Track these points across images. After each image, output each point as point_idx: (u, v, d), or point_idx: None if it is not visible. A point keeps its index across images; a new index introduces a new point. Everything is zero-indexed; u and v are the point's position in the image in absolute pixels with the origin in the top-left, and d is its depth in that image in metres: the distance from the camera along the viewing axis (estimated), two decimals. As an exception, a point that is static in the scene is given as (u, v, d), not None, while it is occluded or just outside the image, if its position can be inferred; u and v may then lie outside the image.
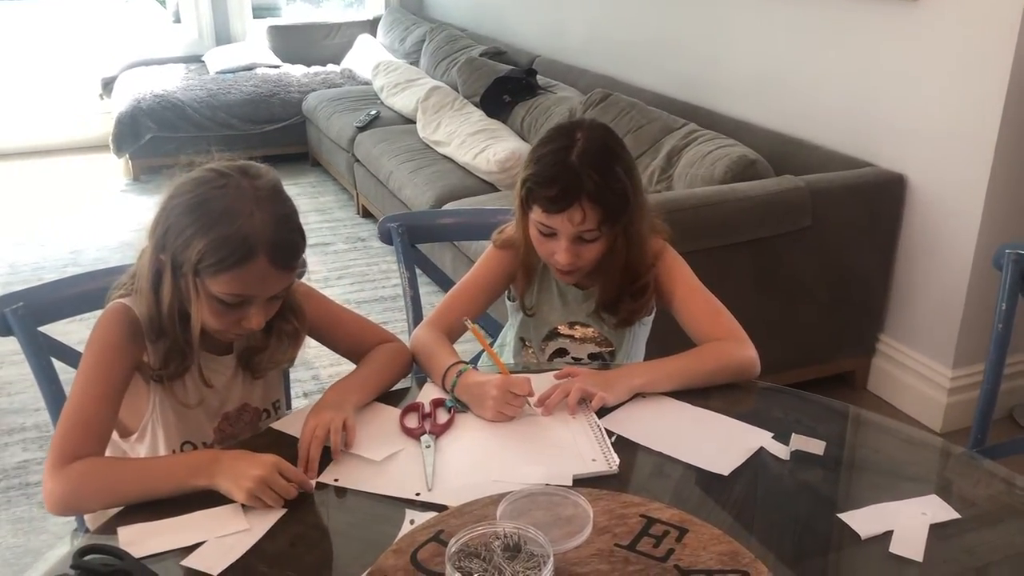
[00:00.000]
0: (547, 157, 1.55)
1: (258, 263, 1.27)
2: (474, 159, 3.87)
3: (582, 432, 1.38)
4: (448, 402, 1.46)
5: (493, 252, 1.72)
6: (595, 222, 1.53)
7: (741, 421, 1.42)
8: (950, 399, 2.90)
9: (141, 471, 1.29)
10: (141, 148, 5.32)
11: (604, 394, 1.44)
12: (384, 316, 3.66)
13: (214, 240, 1.26)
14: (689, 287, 1.65)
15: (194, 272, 1.29)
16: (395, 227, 1.95)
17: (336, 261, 4.22)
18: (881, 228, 2.94)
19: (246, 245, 1.26)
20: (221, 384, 1.47)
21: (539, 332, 1.75)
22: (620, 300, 1.66)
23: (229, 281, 1.28)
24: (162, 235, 1.31)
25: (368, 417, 1.44)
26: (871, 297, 3.04)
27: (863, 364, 3.16)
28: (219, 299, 1.30)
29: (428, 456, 1.32)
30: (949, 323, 2.85)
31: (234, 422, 1.51)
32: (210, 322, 1.34)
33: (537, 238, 1.60)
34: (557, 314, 1.73)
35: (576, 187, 1.50)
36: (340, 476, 1.29)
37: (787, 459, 1.32)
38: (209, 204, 1.28)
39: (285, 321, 1.45)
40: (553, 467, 1.29)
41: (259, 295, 1.32)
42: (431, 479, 1.27)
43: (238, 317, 1.33)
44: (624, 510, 1.14)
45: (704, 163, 3.02)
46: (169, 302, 1.33)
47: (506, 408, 1.41)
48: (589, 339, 1.73)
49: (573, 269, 1.59)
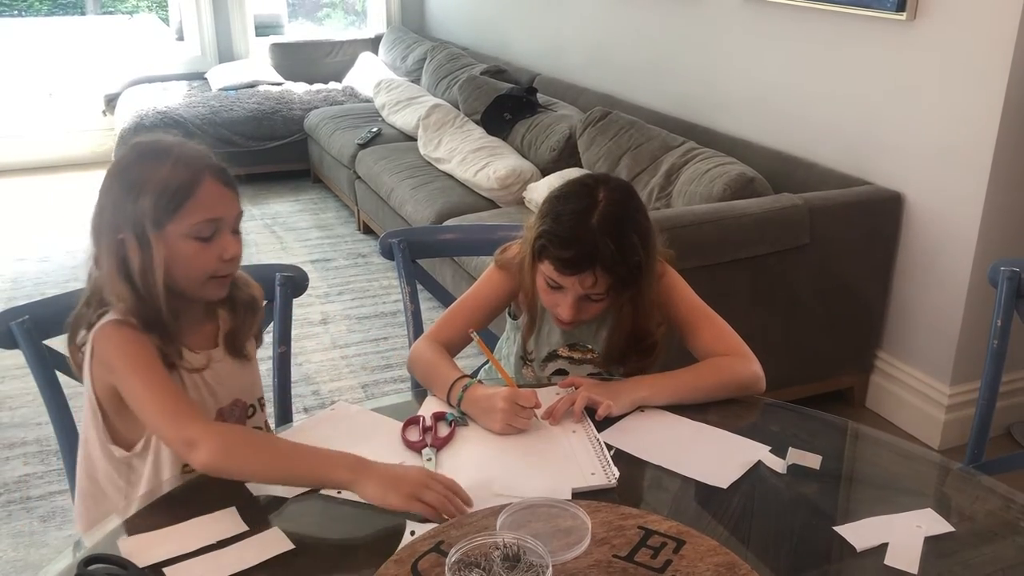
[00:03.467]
0: (566, 217, 1.52)
1: (207, 184, 1.36)
2: (475, 176, 3.90)
3: (581, 446, 1.40)
4: (448, 416, 1.47)
5: (494, 271, 1.72)
6: (604, 287, 1.53)
7: (739, 435, 1.43)
8: (948, 416, 2.91)
9: (297, 448, 1.32)
10: (143, 164, 5.33)
11: (610, 403, 1.45)
12: (384, 331, 3.68)
13: (158, 183, 1.33)
14: (690, 306, 1.66)
15: (155, 223, 1.33)
16: (396, 242, 1.97)
17: (337, 277, 4.24)
18: (878, 245, 2.96)
19: (189, 172, 1.35)
20: (214, 379, 1.50)
21: (539, 352, 1.77)
22: (627, 356, 1.67)
23: (192, 211, 1.35)
24: (110, 219, 1.37)
25: (369, 430, 1.46)
26: (869, 314, 3.06)
27: (861, 381, 3.17)
28: (193, 238, 1.36)
29: (428, 468, 1.34)
30: (947, 340, 2.87)
31: (227, 418, 1.54)
32: (194, 268, 1.38)
33: (543, 287, 1.59)
34: (557, 335, 1.74)
35: (592, 254, 1.49)
36: None
37: (784, 472, 1.34)
38: (135, 166, 1.37)
39: (238, 290, 1.52)
40: (553, 480, 1.30)
41: (225, 217, 1.38)
42: None
43: (217, 252, 1.38)
44: (622, 522, 1.16)
45: (703, 181, 3.05)
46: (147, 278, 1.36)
47: (515, 421, 1.43)
48: (589, 360, 1.74)
49: (575, 322, 1.61)
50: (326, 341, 3.61)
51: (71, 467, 1.62)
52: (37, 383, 1.58)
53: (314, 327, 3.72)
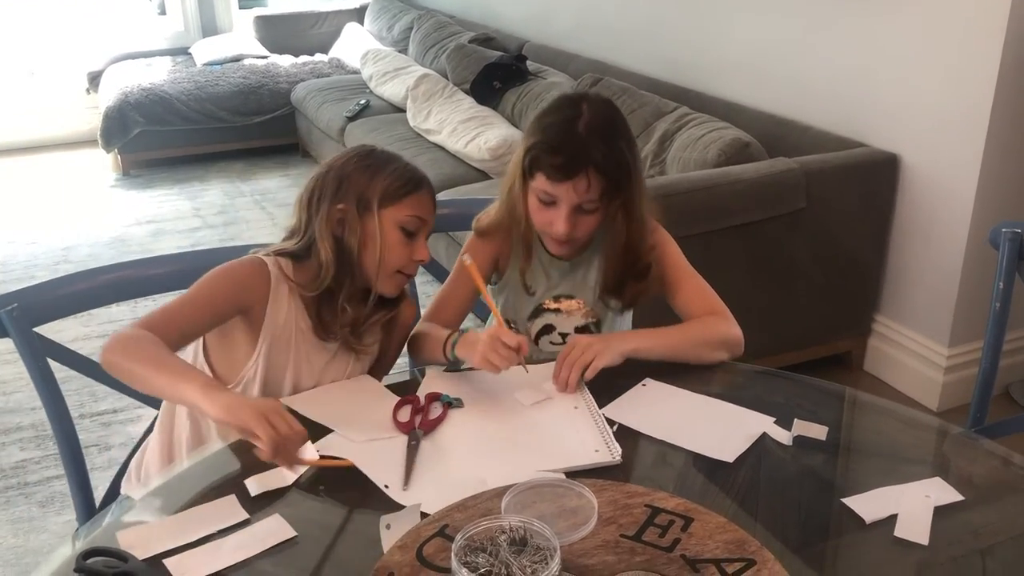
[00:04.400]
0: (554, 126, 1.56)
1: (424, 193, 1.54)
2: (465, 147, 3.85)
3: (584, 423, 1.38)
4: (444, 397, 1.44)
5: (475, 241, 1.73)
6: (598, 192, 1.54)
7: (743, 407, 1.42)
8: (946, 377, 2.90)
9: (168, 362, 1.32)
10: (130, 143, 5.28)
11: (597, 361, 1.46)
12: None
13: (393, 171, 1.52)
14: (680, 268, 1.68)
15: (381, 202, 1.49)
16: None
17: (329, 252, 4.19)
18: (875, 208, 2.94)
19: (416, 175, 1.55)
20: (319, 366, 1.55)
21: (524, 310, 1.75)
22: (624, 282, 1.67)
23: (411, 204, 1.52)
24: (334, 190, 1.50)
25: (370, 404, 1.45)
26: (866, 278, 3.04)
27: (859, 345, 3.16)
28: (401, 228, 1.51)
29: (411, 452, 1.30)
30: (944, 302, 2.85)
31: None
32: (391, 256, 1.51)
33: (536, 207, 1.60)
34: (541, 288, 1.74)
35: (583, 156, 1.52)
36: (322, 448, 1.30)
37: (790, 444, 1.32)
38: (375, 155, 1.56)
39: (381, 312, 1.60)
40: (553, 459, 1.28)
41: (428, 221, 1.55)
42: (408, 476, 1.25)
43: (412, 250, 1.53)
44: (629, 500, 1.14)
45: (697, 147, 3.01)
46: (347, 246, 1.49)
47: (492, 355, 1.42)
48: (576, 311, 1.74)
49: (570, 239, 1.60)
50: None
51: (67, 455, 1.60)
52: (29, 371, 1.56)
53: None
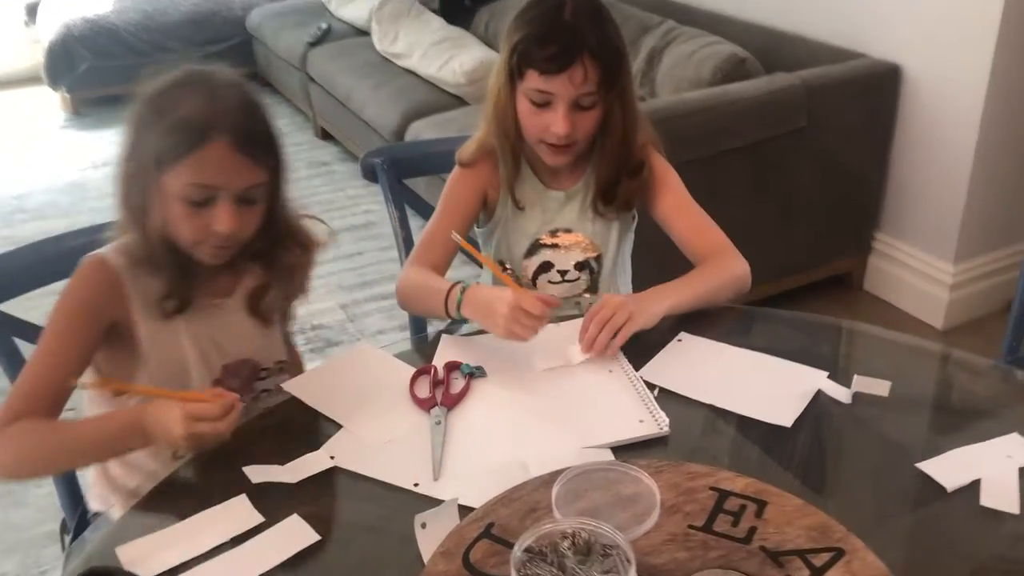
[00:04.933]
0: (539, 18, 1.44)
1: (216, 146, 1.18)
2: (439, 71, 3.65)
3: (622, 389, 1.25)
4: (464, 367, 1.31)
5: (460, 173, 1.61)
6: (595, 83, 1.43)
7: (790, 360, 1.30)
8: (952, 295, 2.83)
9: (74, 438, 1.21)
10: (77, 79, 4.98)
11: (629, 325, 1.32)
12: (358, 246, 3.50)
13: (169, 125, 1.19)
14: (679, 196, 1.58)
15: (156, 168, 1.20)
16: (380, 163, 1.78)
17: (301, 189, 4.00)
18: (876, 123, 2.81)
19: (201, 125, 1.18)
20: (222, 330, 1.35)
21: (519, 247, 1.63)
22: (618, 181, 1.56)
23: (189, 168, 1.18)
24: (127, 144, 1.25)
25: (382, 379, 1.31)
26: (867, 195, 2.93)
27: (859, 265, 3.07)
28: (185, 200, 1.20)
29: (437, 435, 1.18)
30: (949, 217, 2.76)
31: (233, 376, 1.38)
32: (181, 231, 1.23)
33: (528, 112, 1.47)
34: (537, 223, 1.61)
35: (577, 43, 1.40)
36: (337, 454, 1.16)
37: (849, 403, 1.21)
38: (166, 97, 1.21)
39: (284, 249, 1.35)
40: (594, 434, 1.16)
41: (223, 186, 1.21)
42: (439, 465, 1.13)
43: (205, 221, 1.22)
44: (691, 483, 1.02)
45: (689, 64, 2.85)
46: (144, 218, 1.24)
47: (516, 327, 1.29)
48: (574, 245, 1.62)
49: (570, 142, 1.48)
50: None
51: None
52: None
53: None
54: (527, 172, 1.59)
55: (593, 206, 1.59)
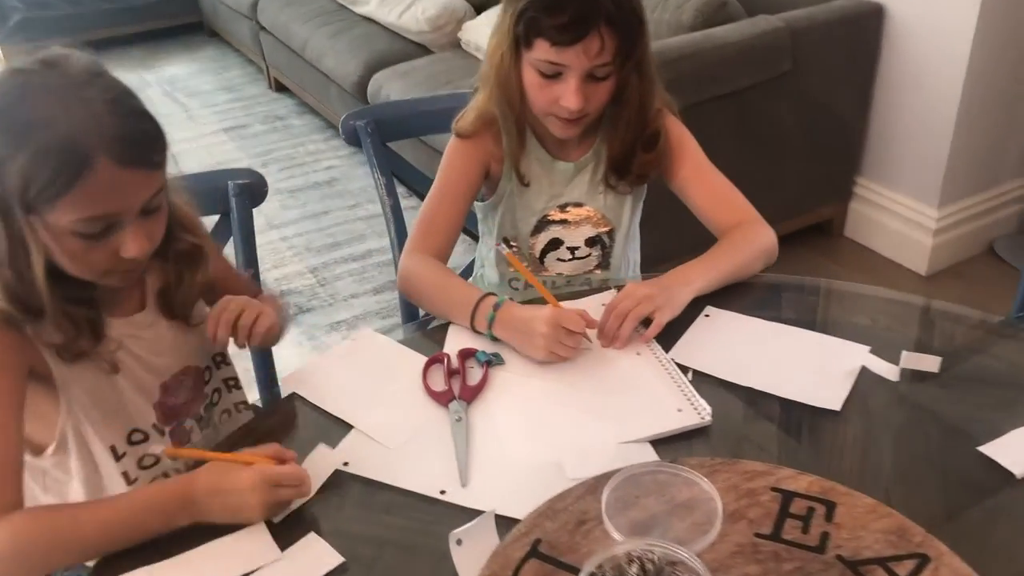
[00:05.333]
0: None
1: (101, 168, 0.94)
2: (399, 18, 3.48)
3: (655, 375, 1.16)
4: (480, 354, 1.21)
5: (458, 144, 1.46)
6: (612, 53, 1.29)
7: (826, 334, 1.22)
8: (936, 240, 2.78)
9: (100, 524, 0.97)
10: (10, 33, 4.69)
11: (660, 316, 1.23)
12: (323, 204, 3.35)
13: (33, 157, 0.94)
14: (697, 163, 1.46)
15: (26, 208, 0.96)
16: (363, 125, 1.64)
17: (257, 145, 3.83)
18: (859, 65, 2.73)
19: (77, 149, 0.94)
20: (147, 349, 1.16)
21: (526, 225, 1.51)
22: (633, 154, 1.43)
23: (75, 204, 0.95)
24: None
25: (393, 370, 1.21)
26: (848, 139, 2.86)
27: (840, 211, 3.01)
28: (77, 233, 0.98)
29: (459, 433, 1.08)
30: (933, 161, 2.70)
31: (176, 392, 1.20)
32: (79, 266, 1.02)
33: (536, 83, 1.33)
34: (544, 198, 1.49)
35: (593, 9, 1.25)
36: (351, 459, 1.06)
37: (897, 380, 1.13)
38: (12, 115, 0.96)
39: (176, 240, 1.14)
40: (632, 427, 1.07)
41: (124, 210, 0.99)
42: (465, 469, 1.04)
43: (111, 250, 1.01)
44: (750, 484, 0.94)
45: (668, 7, 2.72)
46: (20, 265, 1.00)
47: (558, 347, 1.19)
48: (584, 220, 1.51)
49: (582, 115, 1.35)
50: (259, 222, 3.19)
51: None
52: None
53: (243, 207, 3.35)
54: (532, 143, 1.47)
55: (605, 180, 1.47)
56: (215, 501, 0.96)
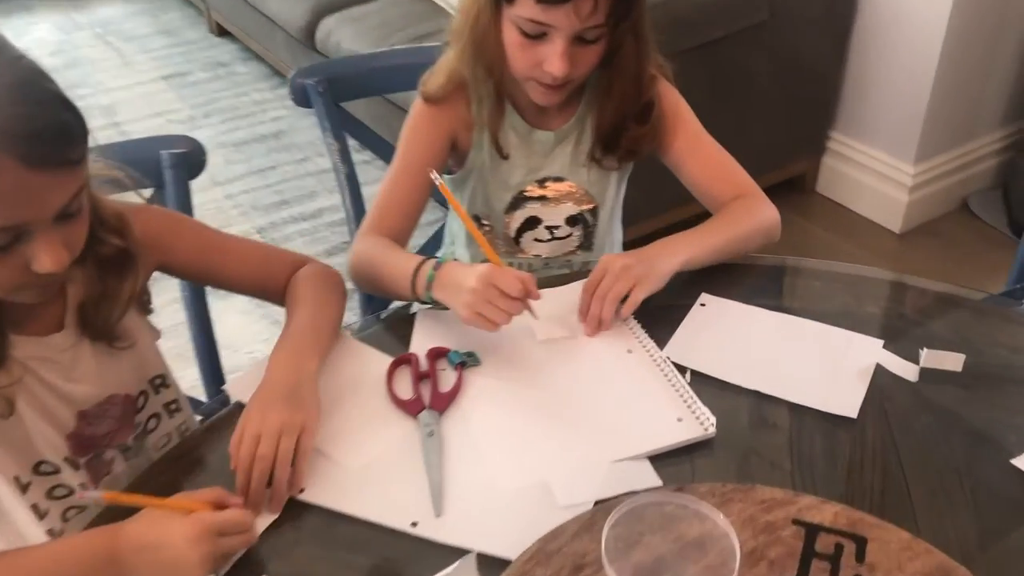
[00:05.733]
0: None
1: (4, 171, 0.79)
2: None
3: (649, 376, 1.04)
4: (453, 355, 1.07)
5: (424, 111, 1.30)
6: (605, 13, 1.14)
7: (834, 326, 1.11)
8: (911, 196, 2.69)
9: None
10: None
11: (637, 292, 1.10)
12: (270, 159, 3.15)
13: None
14: (693, 133, 1.33)
15: None
16: (313, 84, 1.48)
17: (199, 95, 3.59)
18: (837, 12, 2.60)
19: None
20: (62, 375, 0.99)
21: (499, 201, 1.36)
22: (623, 127, 1.28)
23: None
24: None
25: (343, 373, 1.06)
26: (823, 92, 2.74)
27: (812, 166, 2.90)
28: None
29: (431, 450, 0.95)
30: (911, 116, 2.59)
31: (97, 422, 1.03)
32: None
33: (517, 43, 1.18)
34: (520, 171, 1.35)
35: None
36: (307, 484, 0.92)
37: (915, 380, 1.02)
38: None
39: (99, 243, 0.97)
40: (627, 442, 0.95)
41: (34, 219, 0.84)
42: (440, 495, 0.91)
43: (20, 264, 0.86)
44: (768, 516, 0.83)
45: (637, -50, 2.56)
46: None
47: (485, 308, 1.03)
48: (566, 196, 1.37)
49: (566, 81, 1.20)
50: (202, 179, 3.01)
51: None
52: None
53: (184, 162, 3.14)
54: (507, 110, 1.31)
55: (591, 154, 1.33)
56: (144, 558, 0.82)
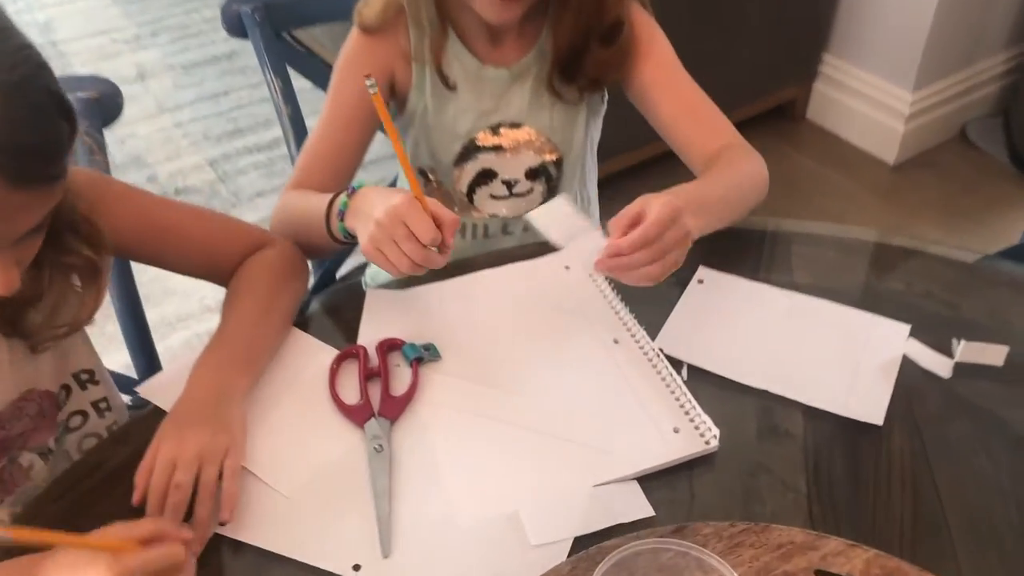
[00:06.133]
0: None
1: None
2: None
3: (639, 374, 0.88)
4: (407, 349, 0.91)
5: (359, 43, 1.12)
6: None
7: (851, 307, 0.95)
8: (908, 126, 2.53)
9: None
10: None
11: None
12: (223, 83, 2.93)
13: None
14: (667, 66, 1.14)
15: None
16: (249, 12, 1.28)
17: (144, 12, 3.33)
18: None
19: None
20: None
21: (446, 151, 1.18)
22: (585, 48, 1.10)
23: None
24: None
25: (281, 369, 0.90)
26: (814, 10, 2.54)
27: (803, 92, 2.72)
28: None
29: (379, 472, 0.79)
30: (912, 39, 2.41)
31: (10, 422, 0.89)
32: None
33: None
34: (470, 116, 1.16)
35: None
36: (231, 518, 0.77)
37: (949, 376, 0.88)
38: None
39: (65, 252, 0.83)
40: (613, 462, 0.80)
41: None
42: (388, 529, 0.75)
43: None
44: (786, 564, 0.68)
45: None
46: None
47: (387, 245, 0.85)
48: (524, 145, 1.18)
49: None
50: (149, 105, 2.84)
51: None
52: None
53: (130, 85, 2.91)
54: (452, 41, 1.12)
55: (549, 85, 1.14)
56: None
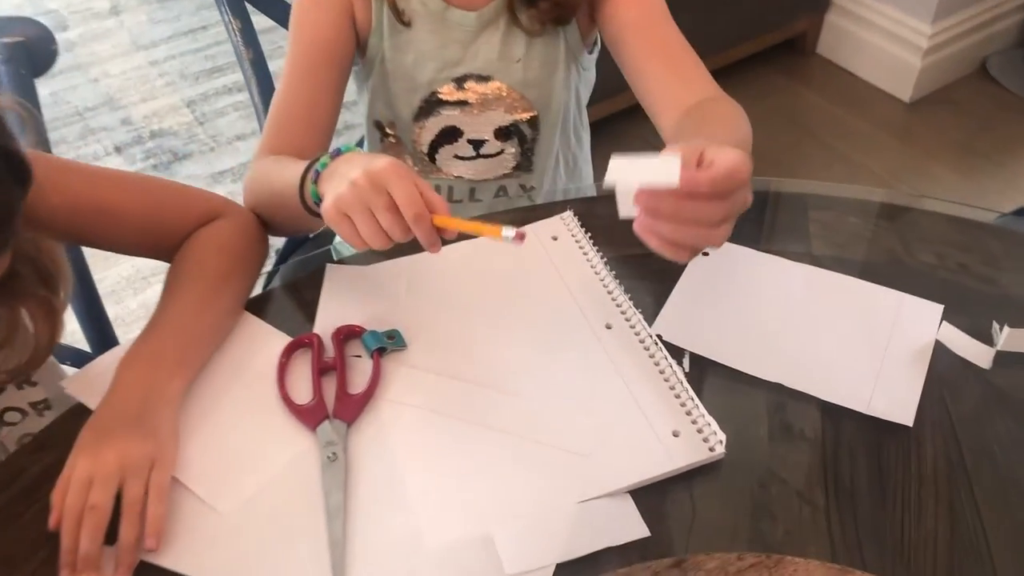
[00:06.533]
0: None
1: None
2: None
3: (636, 367, 0.77)
4: (368, 338, 0.79)
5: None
6: None
7: (875, 283, 0.84)
8: (925, 60, 2.38)
9: None
10: None
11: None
12: (200, 18, 2.77)
13: None
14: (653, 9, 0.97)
15: None
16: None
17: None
18: None
19: None
20: None
21: (405, 104, 1.05)
22: None
23: None
24: None
25: (224, 362, 0.79)
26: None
27: (814, 24, 2.57)
28: None
29: (333, 486, 0.69)
30: (934, -37, 2.26)
31: None
32: None
33: None
34: (432, 66, 1.02)
35: None
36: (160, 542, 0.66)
37: (988, 367, 0.77)
38: None
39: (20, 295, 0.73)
40: (605, 473, 0.70)
41: None
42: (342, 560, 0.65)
43: None
44: (802, 609, 0.58)
45: None
46: None
47: (360, 215, 0.71)
48: (494, 101, 1.04)
49: None
50: (123, 41, 2.69)
51: None
52: None
53: (103, 20, 2.75)
54: None
55: (509, 11, 0.99)
56: None
